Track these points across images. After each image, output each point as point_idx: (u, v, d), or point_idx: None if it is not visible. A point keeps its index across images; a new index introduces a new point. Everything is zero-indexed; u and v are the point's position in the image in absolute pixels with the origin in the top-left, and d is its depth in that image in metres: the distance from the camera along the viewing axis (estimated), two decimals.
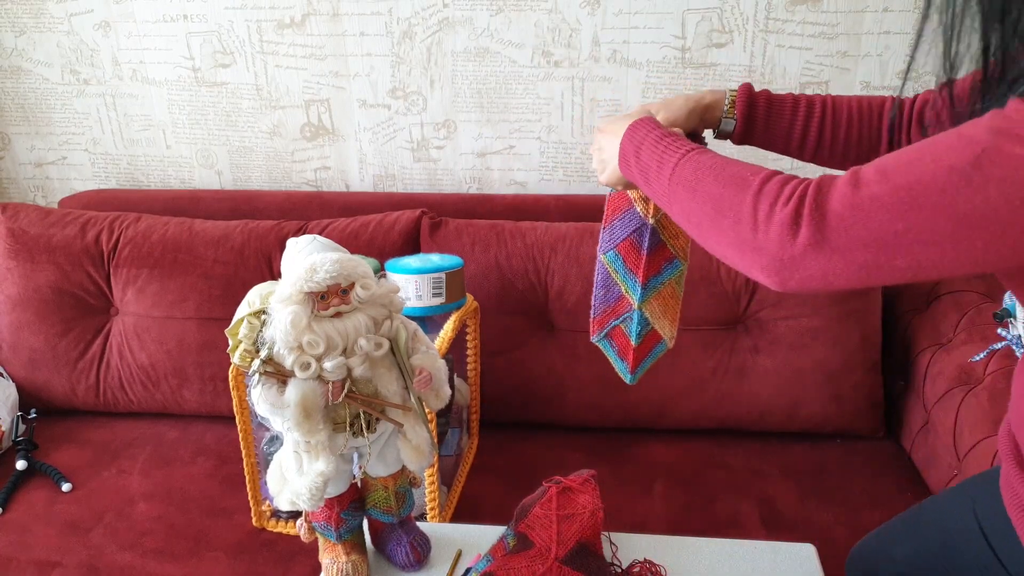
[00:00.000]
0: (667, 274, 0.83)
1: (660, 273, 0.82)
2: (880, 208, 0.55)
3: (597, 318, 0.92)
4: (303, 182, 1.80)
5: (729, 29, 1.55)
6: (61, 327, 1.55)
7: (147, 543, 1.22)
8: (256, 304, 0.80)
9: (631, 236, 0.82)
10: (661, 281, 0.83)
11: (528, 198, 1.65)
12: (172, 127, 1.78)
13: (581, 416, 1.50)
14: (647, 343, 0.87)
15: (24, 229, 1.57)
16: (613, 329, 0.89)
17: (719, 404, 1.45)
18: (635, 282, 0.84)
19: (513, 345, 1.49)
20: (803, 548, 0.93)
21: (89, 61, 1.73)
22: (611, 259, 0.86)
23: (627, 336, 0.87)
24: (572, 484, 0.89)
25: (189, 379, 1.53)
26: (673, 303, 0.86)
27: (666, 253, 0.87)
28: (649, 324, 0.86)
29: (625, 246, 0.84)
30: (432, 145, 1.72)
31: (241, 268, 1.52)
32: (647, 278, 0.82)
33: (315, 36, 1.65)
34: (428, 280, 1.25)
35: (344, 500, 0.89)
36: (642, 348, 0.88)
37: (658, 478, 1.35)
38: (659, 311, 0.85)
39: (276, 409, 0.79)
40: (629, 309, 0.86)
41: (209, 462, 1.42)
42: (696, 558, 0.91)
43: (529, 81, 1.63)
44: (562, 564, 0.83)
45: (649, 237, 0.84)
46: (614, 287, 0.87)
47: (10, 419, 1.48)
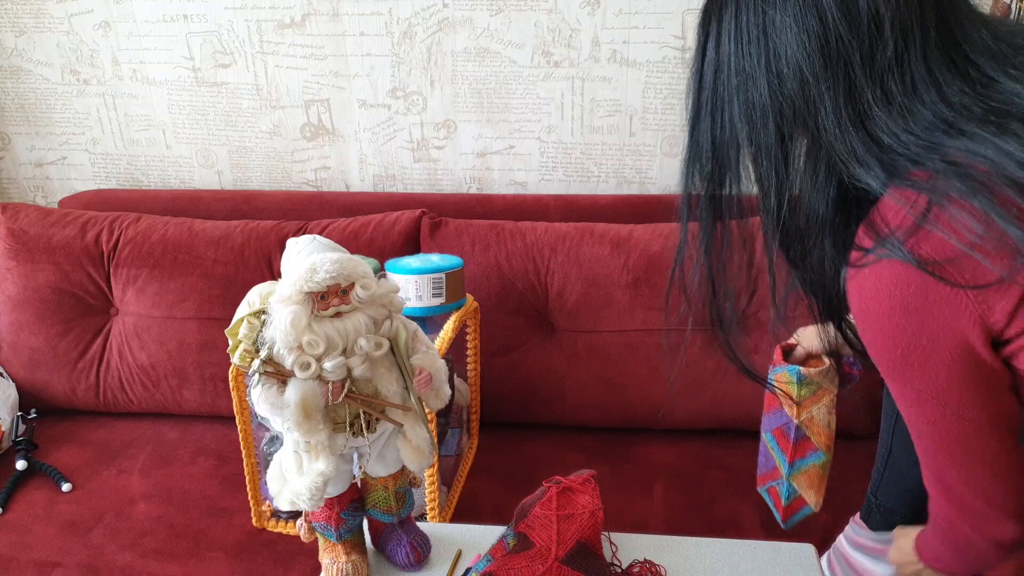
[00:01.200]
0: (811, 459, 1.03)
1: (805, 457, 1.02)
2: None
3: (760, 476, 1.13)
4: (303, 182, 1.80)
5: None
6: (61, 327, 1.55)
7: (147, 543, 1.22)
8: (256, 304, 0.80)
9: (781, 427, 1.04)
10: (807, 463, 1.03)
11: (528, 198, 1.65)
12: (172, 127, 1.78)
13: (581, 416, 1.50)
14: (795, 505, 1.07)
15: (24, 229, 1.57)
16: (770, 488, 1.10)
17: (719, 404, 1.45)
18: (784, 460, 1.05)
19: (513, 345, 1.49)
20: (803, 548, 0.93)
21: (89, 61, 1.73)
22: (768, 439, 1.09)
23: (779, 496, 1.08)
24: (572, 484, 0.89)
25: (189, 379, 1.53)
26: (818, 481, 1.05)
27: (810, 445, 1.07)
28: (797, 492, 1.06)
29: (777, 432, 1.06)
30: (432, 145, 1.72)
31: (241, 268, 1.52)
32: (793, 460, 1.03)
33: (315, 36, 1.65)
34: (428, 280, 1.25)
35: (344, 500, 0.89)
36: (791, 508, 1.09)
37: (658, 478, 1.35)
38: (805, 484, 1.05)
39: (276, 409, 0.79)
40: (781, 477, 1.07)
41: (209, 462, 1.42)
42: (696, 558, 0.91)
43: (529, 81, 1.63)
44: (562, 564, 0.83)
45: (795, 432, 1.06)
46: (771, 459, 1.09)
47: (10, 419, 1.48)
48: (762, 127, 0.72)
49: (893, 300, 0.67)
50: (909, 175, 0.66)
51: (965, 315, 0.66)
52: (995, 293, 0.64)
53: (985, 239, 0.62)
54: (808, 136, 0.71)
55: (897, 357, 0.70)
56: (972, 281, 0.64)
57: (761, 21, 0.69)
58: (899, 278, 0.67)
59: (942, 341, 0.67)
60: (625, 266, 1.45)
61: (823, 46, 0.67)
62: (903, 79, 0.67)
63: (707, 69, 0.74)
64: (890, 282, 0.67)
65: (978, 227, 0.62)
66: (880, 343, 0.71)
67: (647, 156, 1.67)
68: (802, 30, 0.67)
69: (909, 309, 0.67)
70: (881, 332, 0.70)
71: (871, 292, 0.69)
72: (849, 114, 0.68)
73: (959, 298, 0.65)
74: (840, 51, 0.67)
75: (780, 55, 0.69)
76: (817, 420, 1.07)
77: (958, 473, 0.75)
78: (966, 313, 0.65)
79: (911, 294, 0.66)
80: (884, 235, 0.67)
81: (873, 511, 1.10)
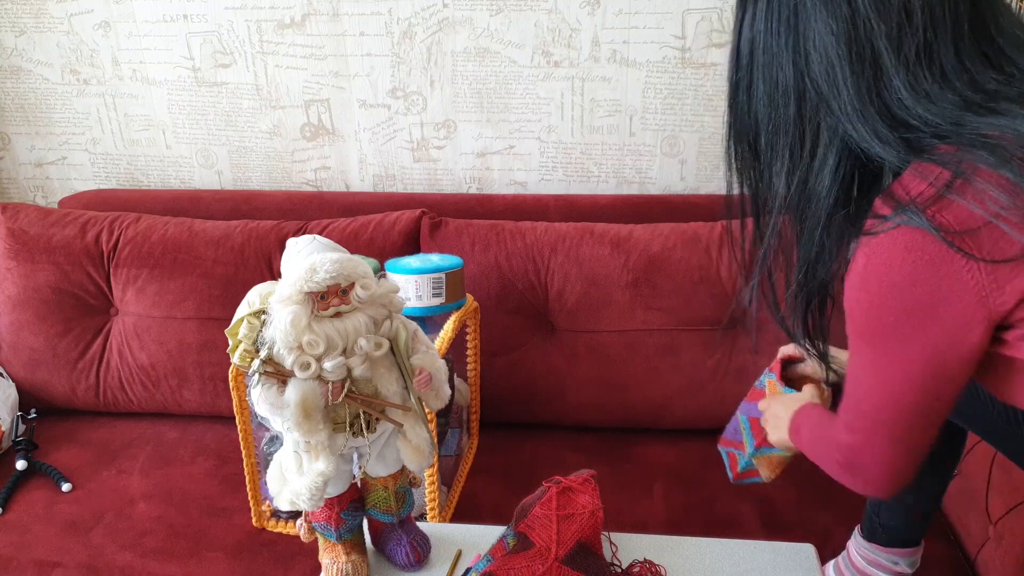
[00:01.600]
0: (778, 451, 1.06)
1: (773, 448, 1.05)
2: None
3: (725, 439, 1.16)
4: (303, 182, 1.80)
5: (729, 29, 1.55)
6: (61, 327, 1.55)
7: (147, 543, 1.22)
8: (256, 304, 0.80)
9: (758, 419, 1.07)
10: (771, 452, 1.06)
11: (528, 198, 1.65)
12: (172, 127, 1.78)
13: (581, 416, 1.50)
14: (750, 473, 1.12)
15: (24, 229, 1.57)
16: (730, 453, 1.14)
17: (719, 404, 1.45)
18: (752, 443, 1.08)
19: (513, 345, 1.49)
20: (803, 548, 0.93)
21: (89, 61, 1.73)
22: (743, 420, 1.12)
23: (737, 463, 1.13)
24: (572, 484, 0.89)
25: (189, 379, 1.53)
26: (777, 467, 1.08)
27: None
28: (754, 466, 1.11)
29: (753, 421, 1.09)
30: (432, 145, 1.72)
31: (241, 268, 1.52)
32: (761, 446, 1.06)
33: (315, 36, 1.65)
34: (428, 280, 1.25)
35: (344, 500, 0.89)
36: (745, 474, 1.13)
37: (658, 478, 1.35)
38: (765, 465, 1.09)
39: (276, 409, 0.79)
40: (744, 453, 1.11)
41: (209, 462, 1.42)
42: (696, 558, 0.91)
43: (529, 81, 1.63)
44: (562, 564, 0.83)
45: None
46: (738, 435, 1.13)
47: (10, 419, 1.48)
48: (783, 108, 0.73)
49: (903, 266, 0.65)
50: (935, 150, 0.66)
51: (971, 295, 0.64)
52: (1010, 271, 0.62)
53: (1010, 209, 0.60)
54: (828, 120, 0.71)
55: (887, 324, 0.69)
56: (990, 255, 0.62)
57: (792, 2, 0.70)
58: (914, 244, 0.65)
59: (939, 320, 0.66)
60: (625, 266, 1.45)
61: (851, 30, 0.67)
62: (931, 67, 0.66)
63: (743, 48, 0.76)
64: (904, 247, 0.65)
65: (1004, 198, 0.60)
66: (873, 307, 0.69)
67: (647, 156, 1.67)
68: (831, 14, 0.68)
69: (917, 279, 0.65)
70: (878, 296, 0.68)
71: (881, 256, 0.67)
72: (872, 98, 0.68)
73: (970, 275, 0.63)
74: (868, 37, 0.67)
75: (808, 37, 0.69)
76: None
77: (883, 439, 0.76)
78: (973, 293, 0.64)
79: (923, 263, 0.64)
80: (904, 202, 0.65)
81: (877, 530, 1.11)
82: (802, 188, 0.74)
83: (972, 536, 1.19)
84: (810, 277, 0.78)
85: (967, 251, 0.62)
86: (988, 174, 0.62)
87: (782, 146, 0.74)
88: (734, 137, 0.80)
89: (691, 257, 1.44)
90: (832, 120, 0.70)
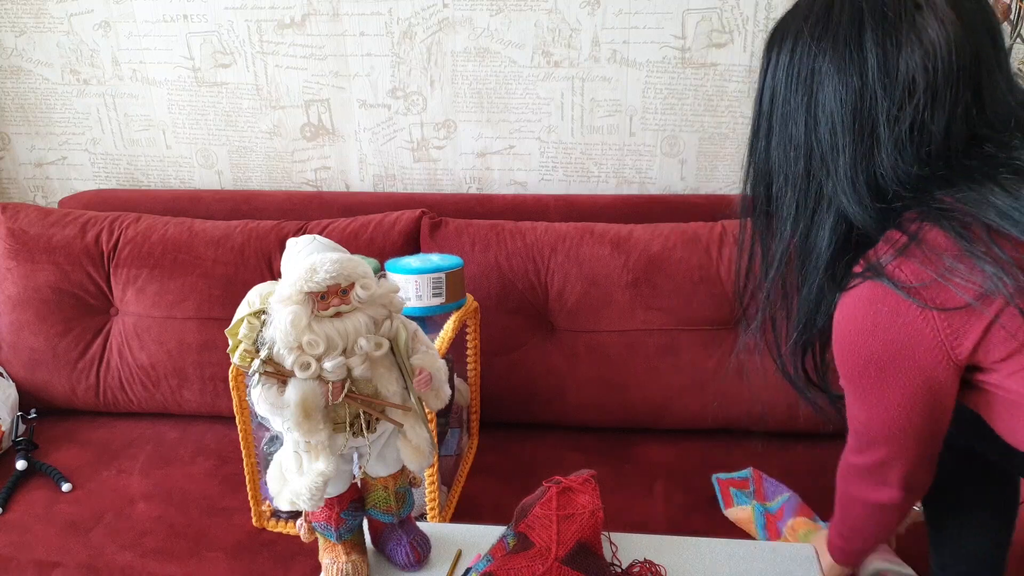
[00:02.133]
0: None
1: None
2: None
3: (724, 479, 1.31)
4: (303, 182, 1.80)
5: (729, 29, 1.55)
6: (61, 327, 1.55)
7: (147, 543, 1.22)
8: (256, 304, 0.80)
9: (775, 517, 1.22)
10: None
11: (528, 198, 1.65)
12: (172, 127, 1.78)
13: (581, 416, 1.50)
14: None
15: (24, 229, 1.57)
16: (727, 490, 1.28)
17: (719, 404, 1.45)
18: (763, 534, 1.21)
19: (513, 345, 1.49)
20: (803, 548, 0.93)
21: (89, 61, 1.73)
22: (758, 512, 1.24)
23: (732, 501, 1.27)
24: (572, 484, 0.89)
25: (189, 379, 1.53)
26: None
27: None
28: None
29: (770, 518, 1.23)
30: (432, 145, 1.72)
31: (241, 268, 1.52)
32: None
33: (315, 36, 1.65)
34: (428, 280, 1.25)
35: (344, 500, 0.89)
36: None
37: (658, 478, 1.35)
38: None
39: (276, 409, 0.79)
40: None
41: (209, 462, 1.42)
42: (696, 558, 0.91)
43: (529, 81, 1.63)
44: (562, 564, 0.83)
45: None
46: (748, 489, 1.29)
47: (10, 419, 1.48)
48: (793, 161, 0.78)
49: (867, 316, 0.73)
50: (901, 220, 0.73)
51: (930, 339, 0.70)
52: (965, 321, 0.68)
53: (955, 270, 0.67)
54: (827, 183, 0.76)
55: (859, 367, 0.77)
56: (943, 304, 0.69)
57: (811, 65, 0.75)
58: (876, 296, 0.73)
59: (904, 362, 0.73)
60: (625, 266, 1.45)
61: (857, 101, 0.72)
62: (919, 145, 0.72)
63: (765, 95, 0.81)
64: (867, 299, 0.73)
65: (949, 260, 0.68)
66: (848, 352, 0.78)
67: (647, 156, 1.67)
68: (842, 83, 0.73)
69: (880, 326, 0.73)
70: (851, 343, 0.77)
71: (850, 307, 0.76)
72: (864, 168, 0.73)
73: (926, 323, 0.70)
74: (871, 109, 0.72)
75: (820, 101, 0.75)
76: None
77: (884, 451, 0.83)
78: (931, 337, 0.70)
79: (884, 312, 0.72)
80: (871, 262, 0.73)
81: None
82: (804, 240, 0.80)
83: None
84: (809, 325, 0.84)
85: (920, 300, 0.69)
86: (938, 239, 0.69)
87: (790, 197, 0.80)
88: (752, 179, 0.85)
89: (691, 257, 1.44)
90: (830, 182, 0.76)
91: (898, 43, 0.70)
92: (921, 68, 0.70)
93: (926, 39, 0.70)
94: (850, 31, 0.72)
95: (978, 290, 0.66)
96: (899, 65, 0.70)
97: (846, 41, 0.72)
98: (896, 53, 0.70)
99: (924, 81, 0.70)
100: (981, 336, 0.68)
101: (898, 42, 0.70)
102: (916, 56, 0.70)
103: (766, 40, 0.81)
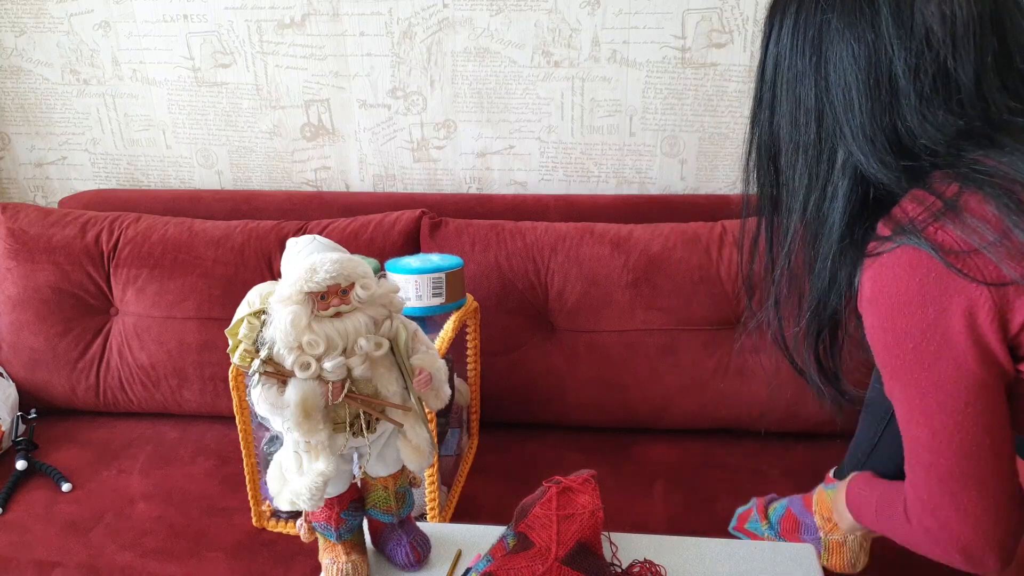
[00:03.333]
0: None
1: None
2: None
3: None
4: (303, 182, 1.80)
5: (729, 29, 1.55)
6: (61, 327, 1.55)
7: (147, 543, 1.22)
8: (256, 304, 0.80)
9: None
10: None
11: (528, 198, 1.65)
12: (172, 127, 1.78)
13: (581, 416, 1.50)
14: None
15: (24, 229, 1.57)
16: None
17: (719, 404, 1.45)
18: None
19: (513, 345, 1.49)
20: (803, 548, 0.93)
21: (89, 61, 1.73)
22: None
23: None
24: (572, 484, 0.89)
25: (189, 379, 1.53)
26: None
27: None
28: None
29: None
30: (432, 145, 1.72)
31: (241, 268, 1.52)
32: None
33: (315, 36, 1.65)
34: (428, 280, 1.25)
35: (344, 500, 0.89)
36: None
37: (658, 478, 1.35)
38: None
39: (276, 409, 0.79)
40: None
41: (209, 462, 1.42)
42: (696, 558, 0.91)
43: (529, 81, 1.63)
44: (562, 564, 0.83)
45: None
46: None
47: (10, 419, 1.48)
48: (804, 126, 0.73)
49: (910, 285, 0.65)
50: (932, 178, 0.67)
51: (984, 310, 0.63)
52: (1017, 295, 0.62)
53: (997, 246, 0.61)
54: (842, 144, 0.71)
55: (908, 352, 0.67)
56: (994, 277, 0.62)
57: (818, 22, 0.71)
58: (918, 262, 0.65)
59: (956, 337, 0.65)
60: (625, 266, 1.45)
61: (872, 55, 0.68)
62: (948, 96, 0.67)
63: (768, 63, 0.76)
64: (908, 265, 0.66)
65: (992, 235, 0.62)
66: (890, 338, 0.69)
67: (647, 156, 1.67)
68: (854, 37, 0.69)
69: (925, 299, 0.65)
70: (892, 324, 0.68)
71: (886, 277, 0.67)
72: (884, 124, 0.69)
73: (980, 292, 0.63)
74: (888, 62, 0.68)
75: (830, 59, 0.70)
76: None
77: (951, 491, 0.70)
78: (985, 308, 0.63)
79: (929, 281, 0.64)
80: (904, 224, 0.66)
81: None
82: (816, 212, 0.74)
83: None
84: (821, 307, 0.77)
85: (969, 273, 0.62)
86: (981, 208, 0.63)
87: (801, 166, 0.75)
88: (756, 153, 0.80)
89: (691, 257, 1.44)
90: (845, 144, 0.71)
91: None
92: (938, 16, 0.66)
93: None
94: None
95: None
96: (913, 15, 0.67)
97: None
98: (910, 2, 0.67)
99: (942, 30, 0.66)
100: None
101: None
102: (932, 4, 0.66)
103: (767, 9, 0.77)
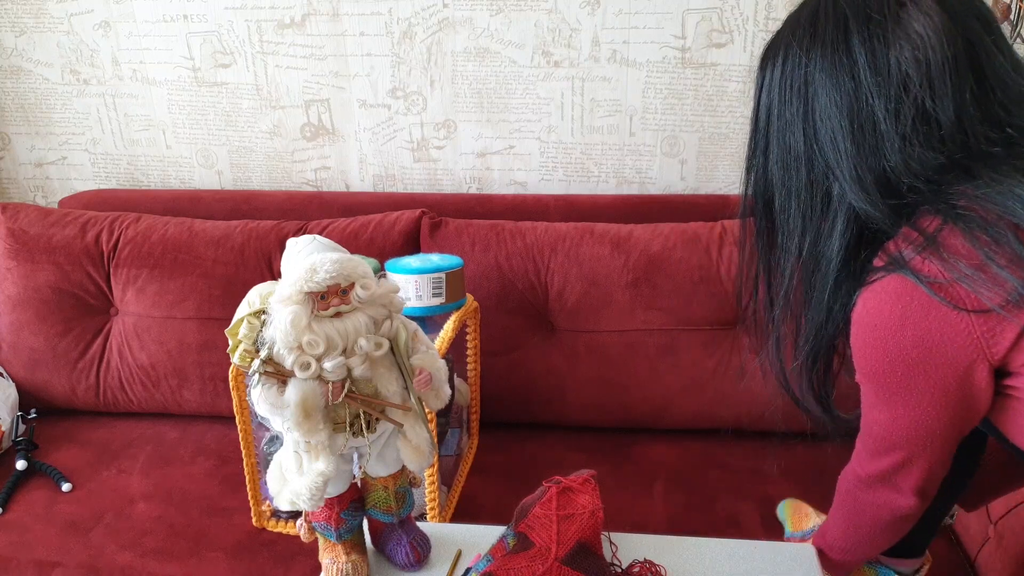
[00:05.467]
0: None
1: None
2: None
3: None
4: (303, 182, 1.80)
5: (729, 29, 1.55)
6: (61, 327, 1.55)
7: (147, 543, 1.22)
8: (256, 304, 0.80)
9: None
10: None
11: (528, 198, 1.65)
12: (172, 127, 1.78)
13: (581, 416, 1.50)
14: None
15: (24, 229, 1.57)
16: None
17: (719, 404, 1.45)
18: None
19: (513, 345, 1.49)
20: (803, 548, 0.93)
21: (89, 61, 1.73)
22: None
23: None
24: (572, 484, 0.89)
25: (189, 379, 1.53)
26: None
27: None
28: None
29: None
30: (432, 145, 1.72)
31: (241, 268, 1.52)
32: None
33: (315, 36, 1.65)
34: (428, 280, 1.25)
35: (344, 500, 0.89)
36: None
37: (658, 478, 1.35)
38: None
39: (276, 409, 0.79)
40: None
41: (209, 462, 1.42)
42: (696, 558, 0.91)
43: (529, 81, 1.63)
44: (562, 564, 0.83)
45: None
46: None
47: (10, 419, 1.48)
48: (795, 172, 0.78)
49: (894, 311, 0.70)
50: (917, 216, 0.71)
51: (965, 336, 0.67)
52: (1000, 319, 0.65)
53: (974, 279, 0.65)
54: (835, 186, 0.75)
55: (885, 364, 0.73)
56: (975, 305, 0.65)
57: (803, 74, 0.75)
58: (904, 289, 0.69)
59: (937, 359, 0.69)
60: (625, 266, 1.45)
61: (853, 102, 0.72)
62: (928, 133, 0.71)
63: (760, 112, 0.81)
64: (895, 292, 0.70)
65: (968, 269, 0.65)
66: (872, 349, 0.74)
67: (647, 156, 1.67)
68: (835, 87, 0.73)
69: (910, 320, 0.69)
70: (877, 339, 0.73)
71: (875, 301, 0.72)
72: (870, 166, 0.72)
73: (962, 318, 0.66)
74: (869, 108, 0.71)
75: (816, 108, 0.75)
76: None
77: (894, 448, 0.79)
78: (966, 334, 0.67)
79: (913, 307, 0.69)
80: (894, 255, 0.70)
81: None
82: (812, 250, 0.79)
83: (972, 536, 1.19)
84: (819, 337, 0.82)
85: (952, 301, 0.66)
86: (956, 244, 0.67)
87: (795, 209, 0.79)
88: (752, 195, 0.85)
89: (691, 257, 1.44)
90: (838, 186, 0.75)
91: (885, 41, 0.71)
92: (912, 62, 0.70)
93: (913, 33, 0.70)
94: (836, 36, 0.73)
95: (1003, 298, 0.64)
96: (889, 61, 0.70)
97: (834, 46, 0.73)
98: (885, 51, 0.71)
99: (918, 74, 0.70)
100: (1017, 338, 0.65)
101: (885, 40, 0.71)
102: (906, 51, 0.70)
103: (759, 60, 0.82)
